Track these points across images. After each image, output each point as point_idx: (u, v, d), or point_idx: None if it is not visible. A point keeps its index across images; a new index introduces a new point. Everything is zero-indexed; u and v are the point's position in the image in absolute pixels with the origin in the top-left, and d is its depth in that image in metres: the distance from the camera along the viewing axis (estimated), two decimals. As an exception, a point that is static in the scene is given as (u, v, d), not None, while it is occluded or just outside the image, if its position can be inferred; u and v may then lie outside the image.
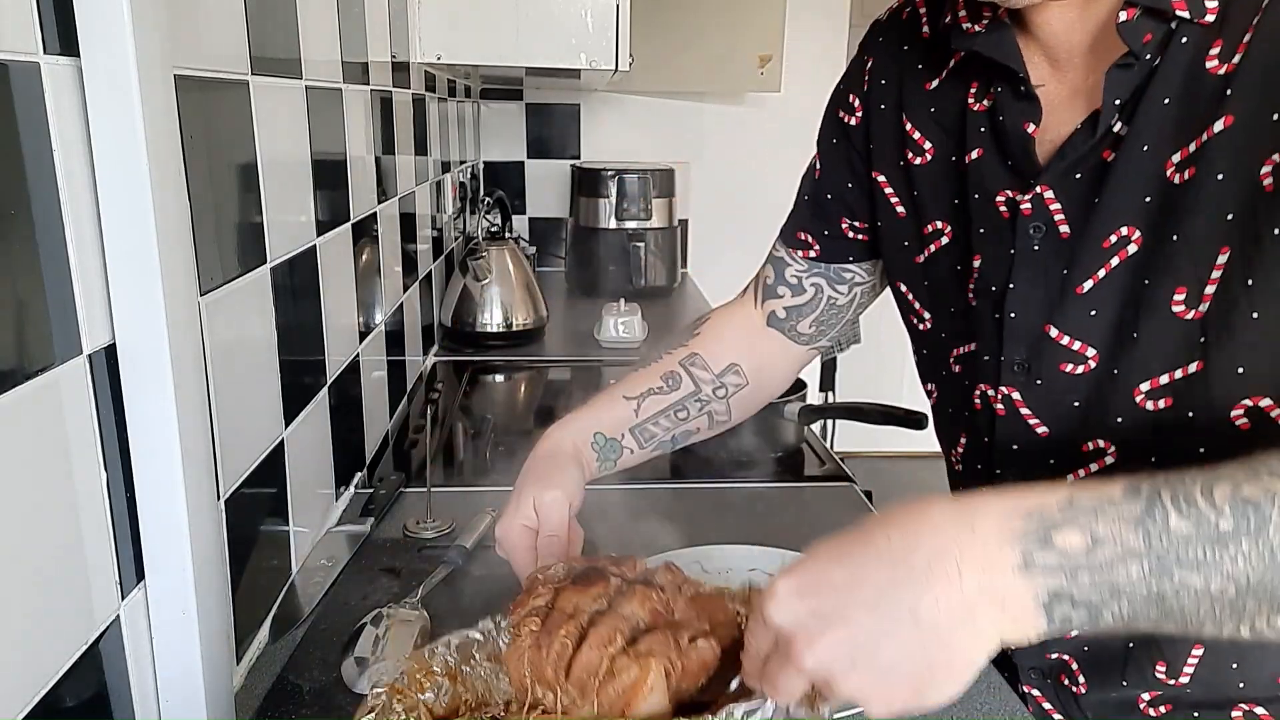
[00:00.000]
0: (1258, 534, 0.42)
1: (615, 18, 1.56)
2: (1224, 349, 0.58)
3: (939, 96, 0.75)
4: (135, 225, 0.53)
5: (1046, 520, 0.44)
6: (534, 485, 0.77)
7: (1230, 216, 0.56)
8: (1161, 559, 0.43)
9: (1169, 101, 0.59)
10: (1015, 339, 0.69)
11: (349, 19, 1.09)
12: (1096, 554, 0.43)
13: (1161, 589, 0.43)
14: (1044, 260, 0.67)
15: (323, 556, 0.94)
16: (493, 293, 1.83)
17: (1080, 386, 0.67)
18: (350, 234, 1.08)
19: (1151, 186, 0.60)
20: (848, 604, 0.46)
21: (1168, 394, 0.62)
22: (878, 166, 0.81)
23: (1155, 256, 0.61)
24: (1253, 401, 0.59)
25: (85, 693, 0.54)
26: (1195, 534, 0.43)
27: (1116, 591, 0.43)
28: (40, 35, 0.48)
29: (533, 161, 2.79)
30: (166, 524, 0.57)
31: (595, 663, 0.57)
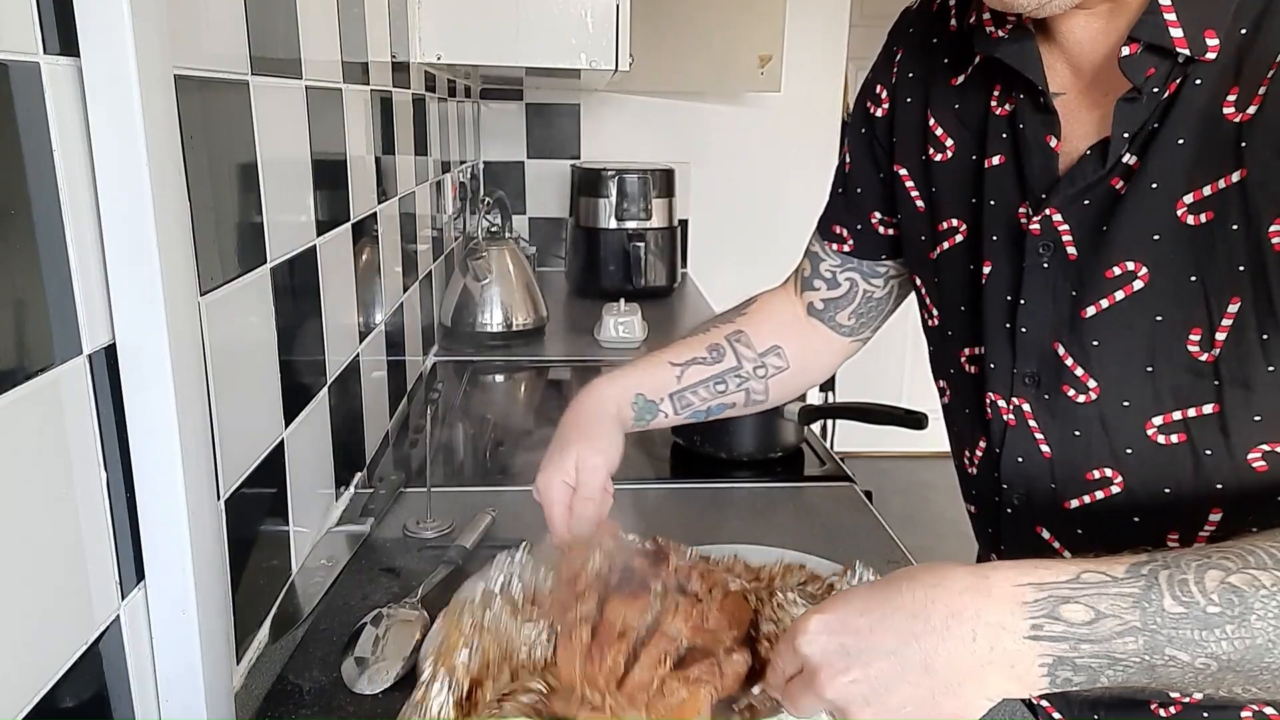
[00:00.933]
0: (1239, 621, 0.47)
1: (615, 18, 1.56)
2: (1240, 397, 0.59)
3: (964, 94, 0.74)
4: (135, 225, 0.53)
5: (1056, 594, 0.49)
6: (579, 443, 0.79)
7: (1241, 268, 0.57)
8: (1154, 636, 0.47)
9: (1183, 142, 0.59)
10: (1026, 353, 0.70)
11: (349, 19, 1.09)
12: (1098, 627, 0.48)
13: (1152, 661, 0.48)
14: (1053, 279, 0.67)
15: (323, 556, 0.94)
16: (493, 293, 1.83)
17: (1081, 416, 0.67)
18: (350, 234, 1.08)
19: (1161, 224, 0.60)
20: (870, 647, 0.51)
21: (1181, 430, 0.62)
22: (900, 160, 0.81)
23: (1169, 295, 0.61)
24: (1270, 446, 0.59)
25: (85, 693, 0.54)
26: (1186, 615, 0.47)
27: (1113, 661, 0.48)
28: (40, 35, 0.48)
29: (533, 161, 2.79)
30: (166, 524, 0.57)
31: (647, 682, 0.65)
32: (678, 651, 0.67)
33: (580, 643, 0.68)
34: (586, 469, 0.78)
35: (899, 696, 0.50)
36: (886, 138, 0.82)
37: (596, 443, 0.79)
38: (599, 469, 0.78)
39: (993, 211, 0.71)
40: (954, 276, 0.78)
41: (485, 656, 0.70)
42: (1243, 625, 0.47)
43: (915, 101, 0.79)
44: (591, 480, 0.78)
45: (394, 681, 0.74)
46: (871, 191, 0.86)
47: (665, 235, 2.43)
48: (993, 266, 0.72)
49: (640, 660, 0.66)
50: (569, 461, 0.78)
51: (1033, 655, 0.48)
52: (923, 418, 1.21)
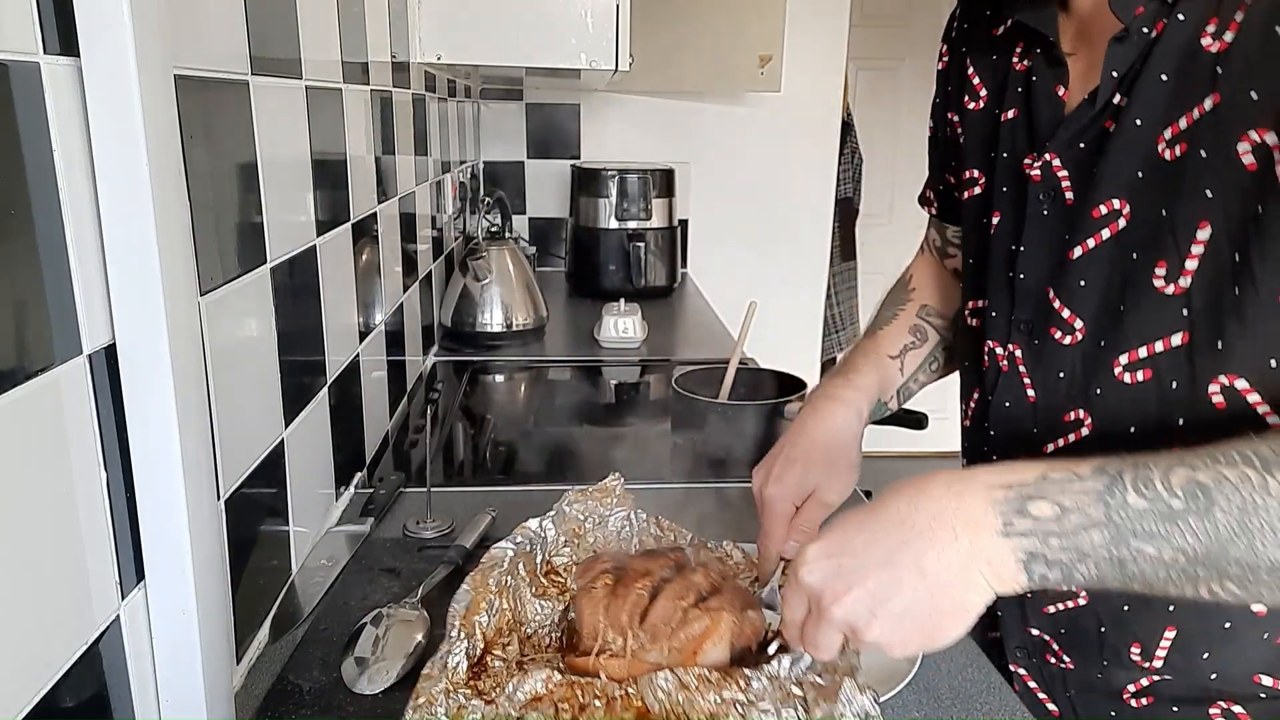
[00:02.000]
0: (1204, 514, 0.48)
1: (615, 18, 1.56)
2: (1208, 323, 0.60)
3: (998, 46, 0.78)
4: (135, 225, 0.52)
5: (1023, 491, 0.51)
6: (822, 472, 0.80)
7: (1210, 194, 0.58)
8: (1119, 529, 0.49)
9: (1166, 78, 0.61)
10: (1023, 299, 0.73)
11: (349, 19, 1.09)
12: (1064, 521, 0.50)
13: (1121, 555, 0.49)
14: (1051, 225, 0.70)
15: (323, 556, 0.94)
16: (493, 293, 1.83)
17: (1067, 358, 0.70)
18: (350, 234, 1.08)
19: (1142, 161, 0.63)
20: (864, 564, 0.54)
21: (1146, 366, 0.64)
22: (953, 108, 0.85)
23: (1142, 231, 0.63)
24: (1229, 380, 0.60)
25: (85, 693, 0.54)
26: (1150, 510, 0.49)
27: (1083, 554, 0.50)
28: (40, 35, 0.48)
29: (533, 161, 2.79)
30: (166, 524, 0.57)
31: (670, 612, 0.67)
32: (698, 594, 0.69)
33: (603, 587, 0.70)
34: (816, 505, 0.78)
35: (899, 604, 0.53)
36: (944, 89, 0.87)
37: (837, 481, 0.80)
38: (827, 509, 0.79)
39: (1004, 164, 0.75)
40: (969, 227, 0.82)
41: (501, 620, 0.72)
42: (1206, 518, 0.48)
43: (966, 52, 0.83)
44: (815, 517, 0.79)
45: (394, 681, 0.74)
46: (943, 153, 0.90)
47: (665, 235, 2.43)
48: (1001, 216, 0.75)
49: (663, 592, 0.68)
50: (808, 483, 0.79)
51: (1008, 550, 0.51)
52: (923, 418, 1.21)
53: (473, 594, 0.73)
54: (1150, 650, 0.72)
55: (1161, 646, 0.71)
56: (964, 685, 0.75)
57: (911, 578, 0.52)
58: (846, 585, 0.54)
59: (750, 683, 0.60)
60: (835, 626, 0.55)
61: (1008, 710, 0.73)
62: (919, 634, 0.54)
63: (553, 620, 0.76)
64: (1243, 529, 0.48)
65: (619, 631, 0.67)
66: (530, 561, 0.81)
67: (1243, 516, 0.48)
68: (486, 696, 0.65)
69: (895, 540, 0.53)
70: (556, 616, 0.76)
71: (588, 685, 0.64)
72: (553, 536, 0.86)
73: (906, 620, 0.53)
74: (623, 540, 0.89)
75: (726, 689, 0.59)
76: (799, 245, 2.96)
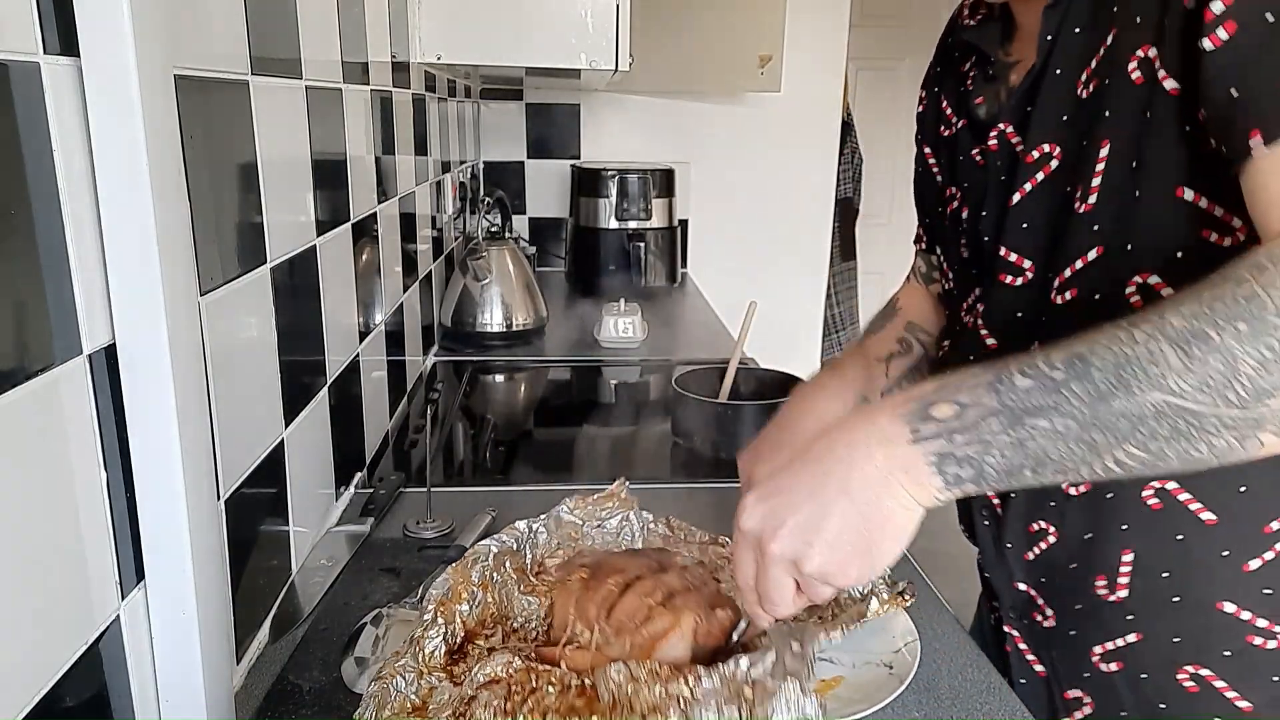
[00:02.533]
0: (1082, 377, 0.50)
1: (615, 18, 1.56)
2: (1115, 231, 0.65)
3: (969, 77, 0.84)
4: (135, 225, 0.53)
5: (925, 400, 0.54)
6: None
7: (1108, 114, 0.65)
8: (1011, 410, 0.51)
9: (1079, 30, 0.68)
10: (977, 251, 0.79)
11: (349, 19, 1.09)
12: (964, 416, 0.53)
13: (1019, 436, 0.51)
14: (1001, 180, 0.76)
15: (323, 556, 0.94)
16: (493, 293, 1.83)
17: (1021, 298, 0.74)
18: (350, 234, 1.08)
19: (1066, 107, 0.69)
20: (795, 499, 0.56)
21: (1072, 285, 0.69)
22: (926, 139, 0.92)
23: (1067, 166, 0.69)
24: (1142, 278, 0.65)
25: (85, 693, 0.54)
26: (1035, 386, 0.51)
27: (986, 444, 0.52)
28: (40, 35, 0.48)
29: (533, 161, 2.79)
30: (166, 524, 0.57)
31: (635, 608, 0.69)
32: (668, 592, 0.71)
33: (578, 581, 0.72)
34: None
35: (832, 529, 0.55)
36: (922, 128, 0.93)
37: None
38: None
39: (963, 166, 0.82)
40: (949, 235, 0.86)
41: (485, 612, 0.74)
42: (1084, 380, 0.50)
43: (939, 91, 0.90)
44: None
45: (394, 681, 0.74)
46: (924, 187, 0.94)
47: (665, 235, 2.43)
48: (969, 210, 0.81)
49: (632, 588, 0.70)
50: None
51: (919, 456, 0.53)
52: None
53: (452, 582, 0.74)
54: (1113, 580, 0.74)
55: (1123, 574, 0.73)
56: (964, 685, 0.75)
57: (838, 502, 0.55)
58: (779, 520, 0.56)
59: (700, 680, 0.60)
60: (778, 566, 0.57)
61: (1008, 710, 0.73)
62: (856, 556, 0.55)
63: (539, 615, 0.77)
64: (1119, 381, 0.50)
65: (586, 624, 0.69)
66: (519, 560, 0.81)
67: (1117, 370, 0.50)
68: (457, 680, 0.66)
69: (819, 471, 0.56)
70: (543, 612, 0.77)
71: (544, 672, 0.65)
72: (544, 539, 0.86)
73: (841, 543, 0.55)
74: (621, 541, 0.89)
75: (673, 684, 0.60)
76: (799, 245, 2.96)
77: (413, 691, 0.64)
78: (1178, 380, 0.49)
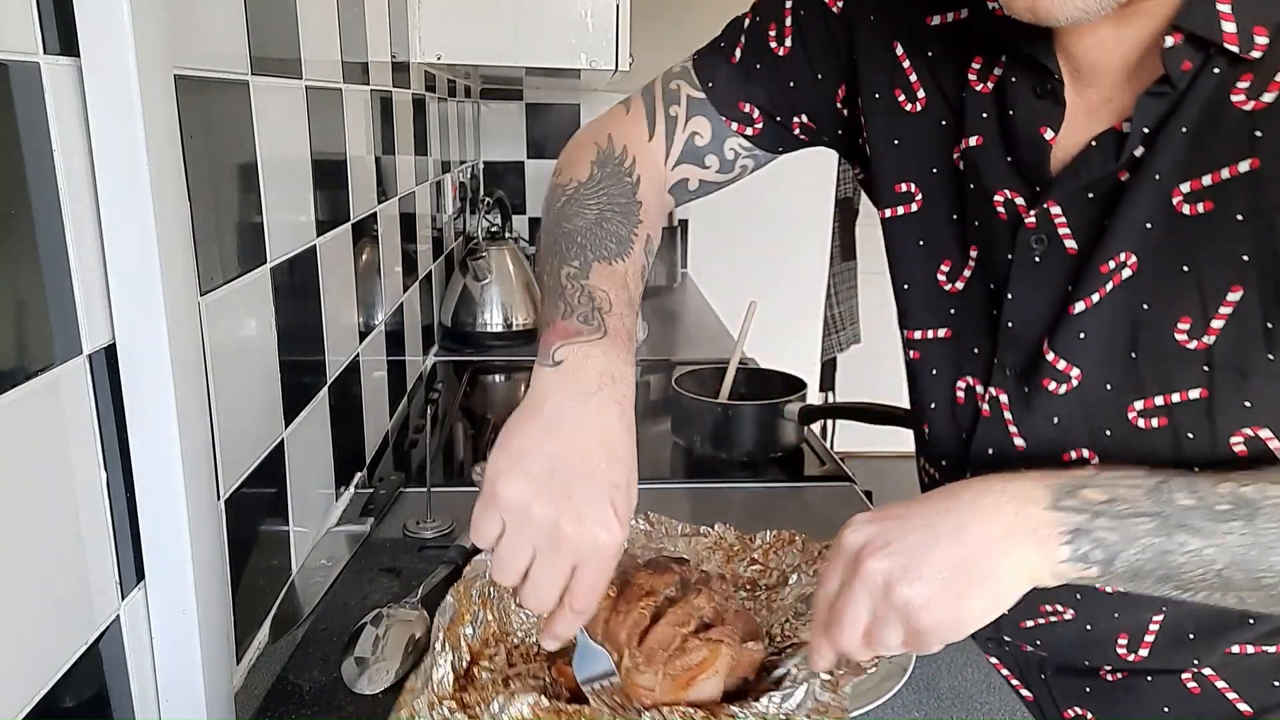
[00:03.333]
0: (1249, 520, 0.51)
1: (615, 18, 1.56)
2: (1232, 383, 0.59)
3: (940, 42, 0.68)
4: (135, 225, 0.52)
5: (1076, 481, 0.54)
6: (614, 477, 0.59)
7: (1246, 258, 0.56)
8: (1166, 520, 0.52)
9: (1186, 130, 0.57)
10: (1011, 346, 0.68)
11: (349, 19, 1.09)
12: (1114, 507, 0.52)
13: (1165, 545, 0.52)
14: (1047, 275, 0.65)
15: (323, 556, 0.94)
16: (493, 293, 1.83)
17: (1063, 405, 0.66)
18: (350, 234, 1.08)
19: (1154, 214, 0.59)
20: (908, 524, 0.55)
21: (1163, 414, 0.62)
22: (861, 89, 0.72)
23: (1158, 283, 0.60)
24: (1254, 431, 0.59)
25: (85, 693, 0.54)
26: (1197, 507, 0.52)
27: (1130, 538, 0.52)
28: (40, 35, 0.48)
29: (533, 161, 2.79)
30: (166, 524, 0.57)
31: (669, 638, 0.66)
32: (700, 621, 0.68)
33: (605, 599, 0.68)
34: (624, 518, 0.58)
35: (936, 560, 0.53)
36: (845, 50, 0.73)
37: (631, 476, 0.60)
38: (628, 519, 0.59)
39: (973, 195, 0.68)
40: (905, 247, 0.74)
41: (486, 631, 0.72)
42: (1250, 522, 0.51)
43: (881, 24, 0.71)
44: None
45: (394, 681, 0.73)
46: (802, 92, 0.76)
47: (665, 235, 2.43)
48: (979, 250, 0.69)
49: (665, 616, 0.67)
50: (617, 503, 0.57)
51: (1053, 523, 0.52)
52: (923, 418, 1.21)
53: (456, 606, 0.72)
54: (1136, 642, 0.72)
55: (1150, 631, 0.71)
56: (964, 685, 0.75)
57: (951, 534, 0.53)
58: (885, 539, 0.55)
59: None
60: (866, 586, 0.54)
61: (1008, 710, 0.73)
62: (947, 599, 0.53)
63: (539, 628, 0.74)
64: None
65: (616, 648, 0.67)
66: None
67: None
68: (471, 710, 0.64)
69: (941, 508, 0.55)
70: (542, 624, 0.76)
71: (575, 714, 0.63)
72: None
73: (937, 578, 0.53)
74: None
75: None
76: (799, 245, 2.96)
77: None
78: None
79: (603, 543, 0.55)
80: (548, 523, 0.55)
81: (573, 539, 0.55)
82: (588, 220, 0.71)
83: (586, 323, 0.62)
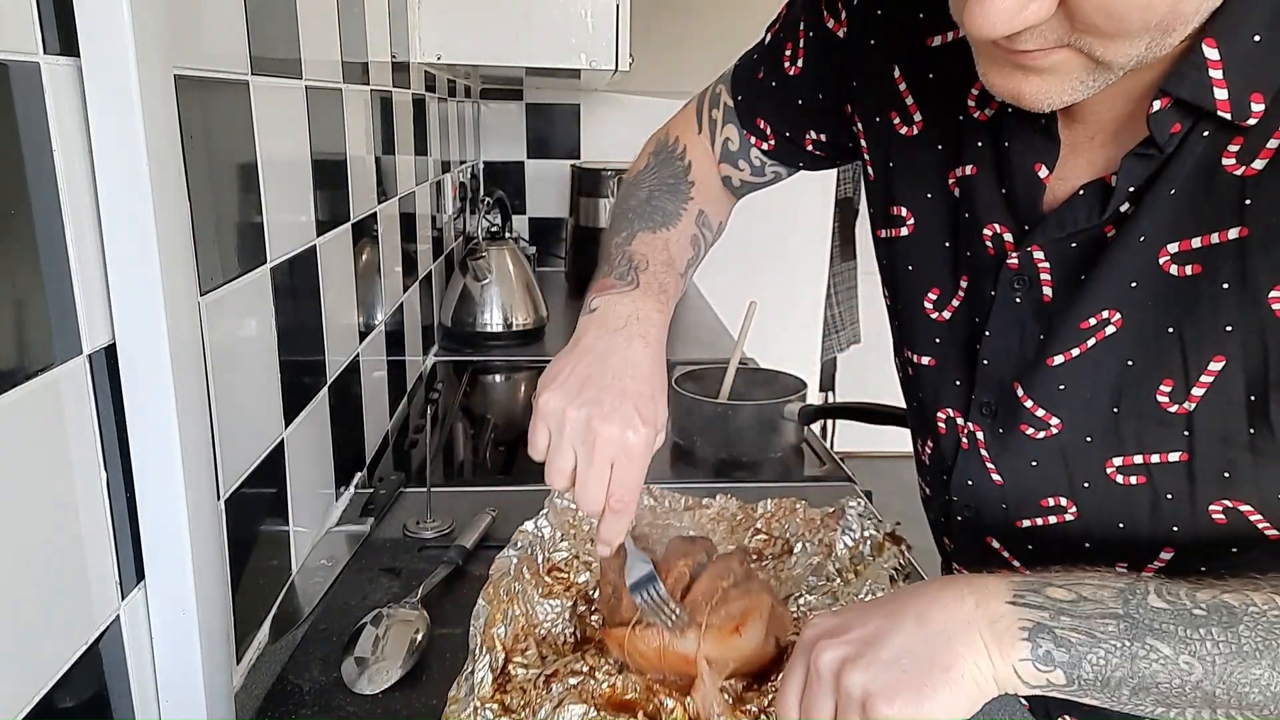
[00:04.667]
0: (1228, 628, 0.48)
1: (615, 18, 1.56)
2: (1215, 451, 0.57)
3: (941, 65, 0.67)
4: (135, 225, 0.53)
5: (1042, 580, 0.52)
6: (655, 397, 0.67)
7: (1229, 328, 0.55)
8: (1135, 621, 0.49)
9: (1175, 191, 0.56)
10: (986, 384, 0.67)
11: (349, 19, 1.09)
12: (1079, 606, 0.50)
13: (1134, 650, 0.48)
14: (1022, 317, 0.64)
15: (323, 556, 0.94)
16: (493, 293, 1.83)
17: (1041, 450, 0.65)
18: (350, 234, 1.08)
19: (1139, 272, 0.58)
20: (868, 615, 0.55)
21: (1142, 473, 0.61)
22: (857, 110, 0.73)
23: (1141, 342, 0.59)
24: (1233, 503, 0.58)
25: (85, 693, 0.54)
26: (1169, 610, 0.49)
27: (1094, 639, 0.49)
28: (40, 35, 0.48)
29: (533, 161, 2.79)
30: (166, 524, 0.57)
31: (712, 590, 0.70)
32: (735, 579, 0.72)
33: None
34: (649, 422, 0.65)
35: (893, 648, 0.52)
36: (842, 73, 0.73)
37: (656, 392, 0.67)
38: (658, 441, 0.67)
39: (966, 224, 0.67)
40: (893, 273, 0.74)
41: (516, 627, 0.74)
42: (1229, 631, 0.48)
43: (880, 48, 0.70)
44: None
45: (394, 681, 0.74)
46: (812, 111, 0.78)
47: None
48: (969, 280, 0.68)
49: (706, 571, 0.72)
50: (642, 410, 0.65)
51: (1014, 617, 0.50)
52: (923, 418, 1.21)
53: (489, 608, 0.73)
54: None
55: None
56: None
57: (910, 624, 0.52)
58: (844, 629, 0.54)
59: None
60: (824, 678, 0.53)
61: (1008, 710, 0.72)
62: (907, 686, 0.51)
63: (564, 617, 0.77)
64: (1263, 648, 0.47)
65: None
66: (532, 564, 0.82)
67: (1269, 636, 0.47)
68: (514, 713, 0.65)
69: (903, 599, 0.55)
70: (567, 613, 0.78)
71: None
72: (549, 534, 0.87)
73: (896, 666, 0.51)
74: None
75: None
76: (799, 245, 2.96)
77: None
78: None
79: (631, 442, 0.63)
80: (581, 424, 0.63)
81: (604, 437, 0.62)
82: (639, 199, 0.81)
83: (621, 279, 0.72)
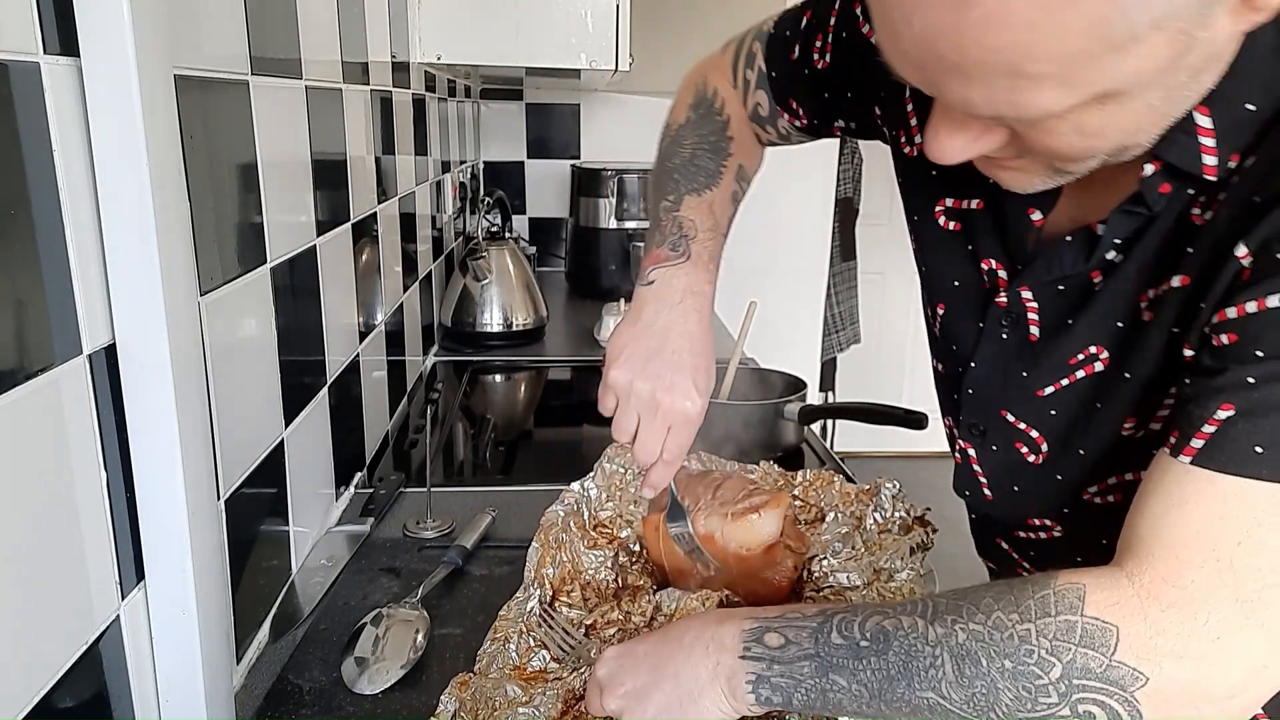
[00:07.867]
0: (880, 655, 0.55)
1: (615, 18, 1.56)
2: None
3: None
4: (135, 225, 0.53)
5: (765, 624, 0.60)
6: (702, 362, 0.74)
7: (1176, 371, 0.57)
8: (822, 660, 0.57)
9: (1158, 243, 0.58)
10: (971, 410, 0.71)
11: (349, 19, 1.09)
12: (785, 651, 0.58)
13: (822, 684, 0.57)
14: (1007, 353, 0.67)
15: (323, 556, 0.94)
16: (493, 293, 1.83)
17: (1026, 475, 0.68)
18: (350, 234, 1.08)
19: (1123, 314, 0.60)
20: (639, 667, 0.64)
21: (1118, 491, 0.64)
22: (883, 118, 0.76)
23: (1111, 382, 0.61)
24: None
25: (85, 693, 0.54)
26: (844, 646, 0.57)
27: (796, 682, 0.57)
28: (40, 35, 0.48)
29: (533, 161, 2.79)
30: (166, 524, 0.57)
31: (738, 489, 0.84)
32: (759, 486, 0.84)
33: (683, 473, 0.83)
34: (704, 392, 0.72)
35: (654, 704, 0.62)
36: (872, 78, 0.74)
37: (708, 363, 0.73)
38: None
39: (967, 255, 0.69)
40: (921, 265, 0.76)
41: (563, 570, 0.86)
42: (882, 658, 0.55)
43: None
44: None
45: (394, 681, 0.74)
46: (840, 105, 0.80)
47: (665, 235, 2.43)
48: (946, 310, 0.72)
49: (730, 479, 0.85)
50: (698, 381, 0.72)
51: (742, 672, 0.59)
52: (923, 418, 1.21)
53: (541, 550, 0.86)
54: None
55: None
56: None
57: (668, 683, 0.61)
58: (621, 680, 0.64)
59: None
60: (611, 711, 0.64)
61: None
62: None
63: (606, 566, 0.88)
64: (904, 670, 0.55)
65: (692, 499, 0.82)
66: (579, 519, 0.92)
67: (908, 659, 0.55)
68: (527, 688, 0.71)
69: (665, 652, 0.63)
70: (610, 563, 0.88)
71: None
72: (595, 494, 0.96)
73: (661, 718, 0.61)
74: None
75: None
76: (799, 245, 2.96)
77: (516, 651, 0.76)
78: (950, 689, 0.53)
79: (688, 410, 0.71)
80: (646, 396, 0.71)
81: (666, 407, 0.70)
82: (683, 158, 0.85)
83: (674, 250, 0.77)
